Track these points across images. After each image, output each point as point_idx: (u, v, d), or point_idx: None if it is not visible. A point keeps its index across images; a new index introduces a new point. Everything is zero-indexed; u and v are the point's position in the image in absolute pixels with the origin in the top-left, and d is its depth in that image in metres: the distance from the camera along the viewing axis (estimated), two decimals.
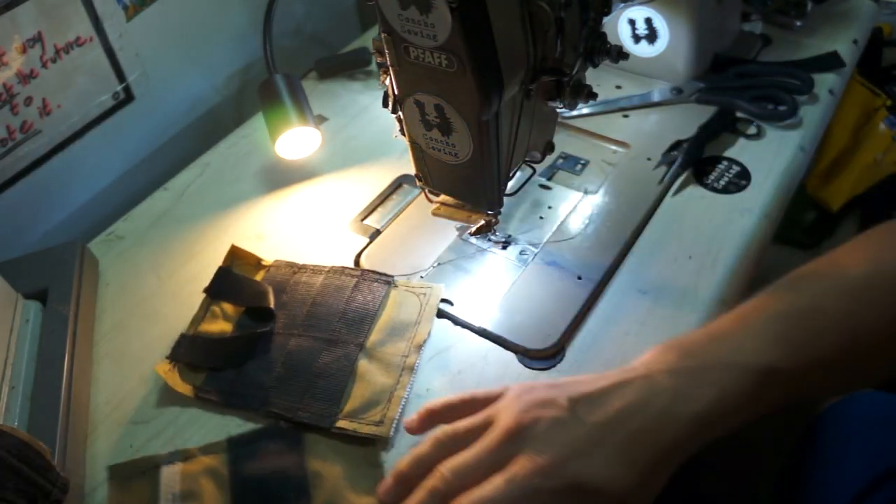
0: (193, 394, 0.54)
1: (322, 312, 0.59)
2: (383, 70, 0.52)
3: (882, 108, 1.22)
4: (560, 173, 0.71)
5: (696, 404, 0.39)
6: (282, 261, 0.64)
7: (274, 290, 0.60)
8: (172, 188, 0.75)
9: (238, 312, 0.60)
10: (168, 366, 0.56)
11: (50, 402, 0.52)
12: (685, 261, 0.61)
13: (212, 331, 0.59)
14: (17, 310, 0.58)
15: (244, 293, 0.61)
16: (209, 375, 0.55)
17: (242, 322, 0.59)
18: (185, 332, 0.59)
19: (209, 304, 0.61)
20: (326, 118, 0.82)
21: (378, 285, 0.60)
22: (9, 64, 0.63)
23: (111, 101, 0.74)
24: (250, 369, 0.55)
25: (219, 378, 0.55)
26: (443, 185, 0.59)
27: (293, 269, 0.63)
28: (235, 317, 0.60)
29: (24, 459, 0.43)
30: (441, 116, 0.50)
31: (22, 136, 0.66)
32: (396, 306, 0.59)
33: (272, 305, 0.59)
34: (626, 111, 0.78)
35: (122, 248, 0.69)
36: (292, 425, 0.52)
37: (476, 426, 0.43)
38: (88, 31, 0.68)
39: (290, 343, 0.57)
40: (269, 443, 0.51)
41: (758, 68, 0.80)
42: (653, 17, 0.76)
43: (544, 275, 0.61)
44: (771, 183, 0.67)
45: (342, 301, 0.59)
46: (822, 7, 0.88)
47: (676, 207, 0.66)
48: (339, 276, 0.61)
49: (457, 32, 0.43)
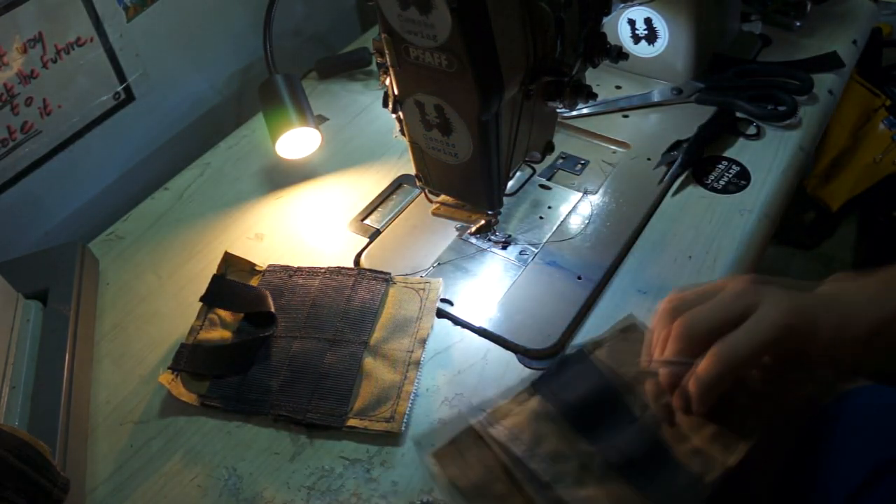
0: (198, 402, 0.54)
1: (323, 313, 0.58)
2: (383, 70, 0.52)
3: (881, 108, 1.23)
4: (560, 173, 0.71)
5: (882, 311, 0.46)
6: (276, 265, 0.63)
7: (272, 294, 0.60)
8: (172, 188, 0.75)
9: (236, 319, 0.59)
10: (171, 376, 0.55)
11: (50, 402, 0.52)
12: (685, 261, 0.61)
13: (212, 338, 0.58)
14: (17, 310, 0.58)
15: (242, 299, 0.60)
16: (213, 383, 0.55)
17: (242, 328, 0.59)
18: (185, 342, 0.58)
19: (207, 312, 0.60)
20: (326, 118, 0.82)
21: (376, 283, 0.60)
22: (9, 64, 0.63)
23: (111, 102, 0.74)
24: (255, 374, 0.55)
25: (223, 385, 0.55)
26: (443, 185, 0.59)
27: (289, 273, 0.62)
28: (234, 323, 0.59)
29: (24, 459, 0.43)
30: (441, 116, 0.51)
31: (22, 137, 0.66)
32: (397, 303, 0.59)
33: (272, 309, 0.58)
34: (626, 111, 0.78)
35: (122, 248, 0.69)
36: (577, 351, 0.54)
37: (708, 291, 0.49)
38: (89, 31, 0.68)
39: (294, 346, 0.57)
40: (566, 371, 0.53)
41: (757, 68, 0.80)
42: (653, 17, 0.76)
43: (544, 275, 0.61)
44: (770, 183, 0.67)
45: (342, 301, 0.59)
46: (821, 7, 0.88)
47: (676, 207, 0.66)
48: (337, 277, 0.61)
49: (457, 33, 0.43)
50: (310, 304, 0.59)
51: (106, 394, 0.57)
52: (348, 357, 0.55)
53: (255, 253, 0.66)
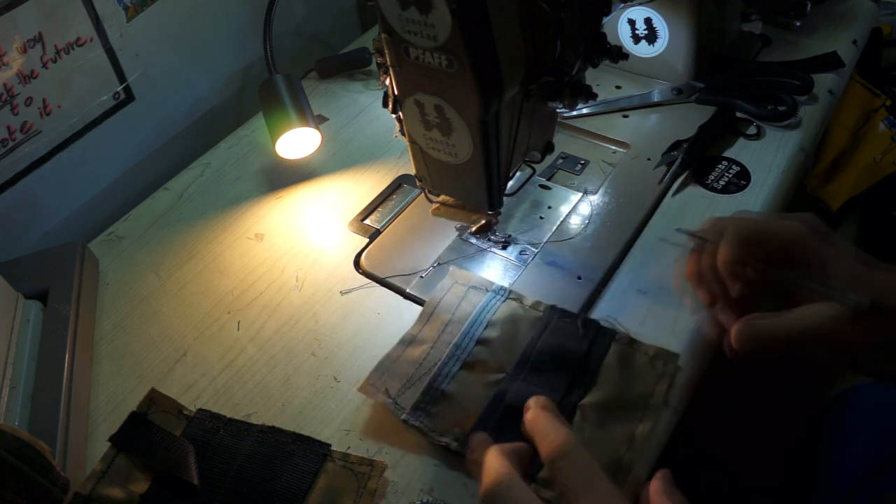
0: None
1: (243, 490, 0.48)
2: (383, 70, 0.52)
3: (881, 108, 1.22)
4: (560, 173, 0.71)
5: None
6: (206, 411, 0.53)
7: (195, 449, 0.50)
8: (172, 188, 0.75)
9: (147, 476, 0.49)
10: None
11: (50, 402, 0.52)
12: (685, 261, 0.61)
13: (112, 497, 0.47)
14: (17, 310, 0.58)
15: (161, 453, 0.49)
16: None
17: (152, 492, 0.48)
18: (80, 491, 0.47)
19: (114, 457, 0.49)
20: (326, 118, 0.82)
21: (308, 460, 0.50)
22: (9, 64, 0.63)
23: (111, 101, 0.74)
24: None
25: None
26: (443, 185, 0.59)
27: (217, 425, 0.52)
28: (144, 480, 0.49)
29: (24, 459, 0.43)
30: (441, 116, 0.51)
31: (22, 137, 0.66)
32: (328, 490, 0.48)
33: (195, 479, 0.48)
34: (626, 111, 0.78)
35: (122, 248, 0.69)
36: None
37: None
38: (89, 31, 0.68)
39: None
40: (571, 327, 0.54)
41: (757, 68, 0.80)
42: (653, 17, 0.76)
43: (544, 275, 0.61)
44: (771, 183, 0.67)
45: (269, 477, 0.49)
46: (821, 7, 0.88)
47: (676, 207, 0.66)
48: (271, 440, 0.51)
49: (457, 33, 0.43)
50: (232, 475, 0.49)
51: (105, 394, 0.56)
52: None
53: (254, 253, 0.66)
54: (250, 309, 0.62)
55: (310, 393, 0.55)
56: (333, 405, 0.54)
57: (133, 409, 0.52)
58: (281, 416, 0.53)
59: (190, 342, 0.59)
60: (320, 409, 0.54)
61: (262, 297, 0.63)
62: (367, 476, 0.49)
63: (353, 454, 0.50)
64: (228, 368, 0.57)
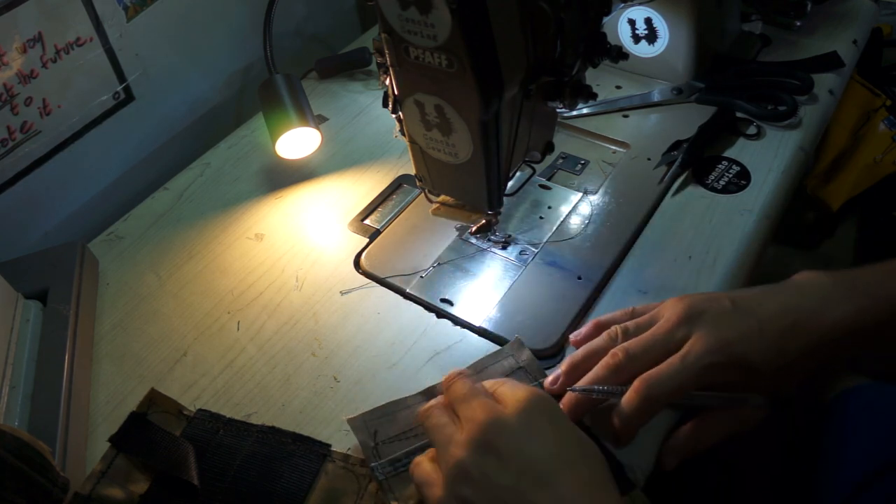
0: None
1: (243, 490, 0.48)
2: (383, 70, 0.52)
3: (882, 108, 1.22)
4: (560, 173, 0.71)
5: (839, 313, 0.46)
6: (206, 411, 0.53)
7: (195, 449, 0.50)
8: (172, 188, 0.75)
9: (147, 477, 0.49)
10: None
11: (50, 402, 0.52)
12: (685, 261, 0.61)
13: (112, 497, 0.47)
14: (17, 310, 0.58)
15: (161, 453, 0.49)
16: None
17: (152, 492, 0.48)
18: (80, 491, 0.47)
19: (114, 458, 0.50)
20: (326, 118, 0.82)
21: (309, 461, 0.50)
22: (9, 64, 0.63)
23: (111, 101, 0.74)
24: None
25: None
26: (443, 185, 0.59)
27: (217, 425, 0.52)
28: (144, 481, 0.49)
29: (24, 459, 0.43)
30: (441, 116, 0.50)
31: (22, 136, 0.66)
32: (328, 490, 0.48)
33: (195, 479, 0.48)
34: (626, 111, 0.78)
35: (122, 248, 0.69)
36: None
37: (644, 322, 0.49)
38: (89, 31, 0.68)
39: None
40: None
41: (758, 68, 0.80)
42: (653, 17, 0.76)
43: (544, 275, 0.61)
44: (771, 183, 0.67)
45: (268, 478, 0.49)
46: (821, 7, 0.88)
47: (676, 207, 0.66)
48: (271, 440, 0.51)
49: (457, 33, 0.43)
50: (231, 476, 0.49)
51: (105, 394, 0.56)
52: None
53: (254, 253, 0.66)
54: (250, 309, 0.62)
55: (310, 393, 0.55)
56: (333, 405, 0.54)
57: (133, 410, 0.52)
58: (281, 417, 0.53)
59: (190, 342, 0.59)
60: (320, 409, 0.54)
61: (262, 297, 0.63)
62: (368, 478, 0.48)
63: (353, 455, 0.50)
64: (228, 368, 0.57)
